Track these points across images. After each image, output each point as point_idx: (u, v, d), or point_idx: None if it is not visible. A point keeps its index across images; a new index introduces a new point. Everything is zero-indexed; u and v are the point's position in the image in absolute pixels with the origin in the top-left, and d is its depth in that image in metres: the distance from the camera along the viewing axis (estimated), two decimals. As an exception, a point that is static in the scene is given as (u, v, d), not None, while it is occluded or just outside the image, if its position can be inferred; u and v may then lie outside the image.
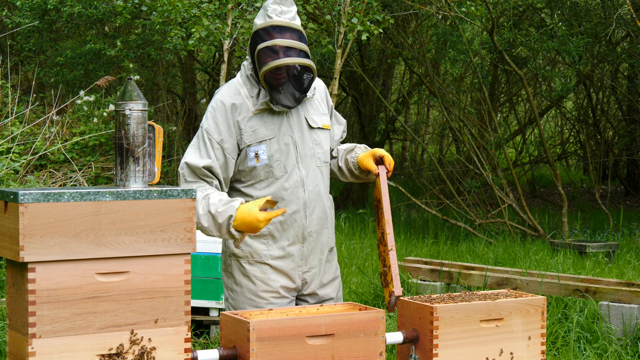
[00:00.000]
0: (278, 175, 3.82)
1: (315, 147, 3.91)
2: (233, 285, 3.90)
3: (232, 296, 3.90)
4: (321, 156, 3.94)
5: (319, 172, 3.92)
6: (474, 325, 3.53)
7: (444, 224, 12.67)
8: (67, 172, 10.46)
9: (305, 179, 3.86)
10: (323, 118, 3.97)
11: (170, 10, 9.08)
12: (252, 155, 3.79)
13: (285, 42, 3.68)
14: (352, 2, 9.40)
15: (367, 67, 15.79)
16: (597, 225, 13.16)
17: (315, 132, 3.92)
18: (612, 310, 6.50)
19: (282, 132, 3.82)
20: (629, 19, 13.34)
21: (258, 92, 3.79)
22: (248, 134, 3.77)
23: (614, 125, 17.55)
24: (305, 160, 3.87)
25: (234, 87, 3.84)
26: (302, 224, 3.87)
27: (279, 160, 3.81)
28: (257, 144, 3.78)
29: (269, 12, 3.72)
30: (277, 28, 3.69)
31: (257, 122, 3.79)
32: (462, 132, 13.58)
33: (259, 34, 3.71)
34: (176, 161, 12.52)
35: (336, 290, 4.06)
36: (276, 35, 3.69)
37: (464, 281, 7.46)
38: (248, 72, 3.84)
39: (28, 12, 13.23)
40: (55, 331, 2.85)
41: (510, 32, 12.33)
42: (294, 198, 3.84)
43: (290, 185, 3.84)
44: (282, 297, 3.89)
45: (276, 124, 3.81)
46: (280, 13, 3.73)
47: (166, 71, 16.04)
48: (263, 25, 3.70)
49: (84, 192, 2.90)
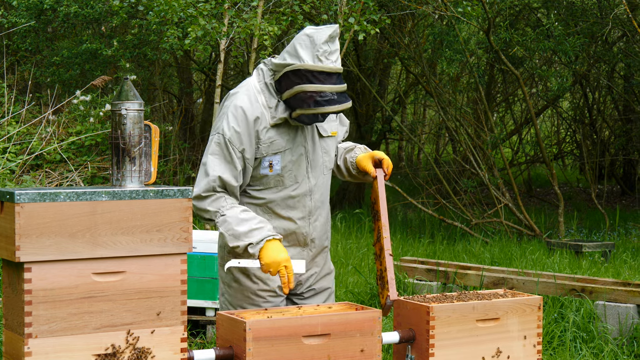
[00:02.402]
0: (288, 185, 3.86)
1: (324, 156, 3.96)
2: (231, 282, 3.91)
3: (230, 292, 3.92)
4: (328, 164, 3.99)
5: (325, 180, 3.97)
6: (470, 325, 3.54)
7: (441, 223, 12.67)
8: (64, 172, 10.45)
9: (313, 187, 3.91)
10: (332, 125, 4.01)
11: (166, 10, 9.07)
12: (267, 164, 3.81)
13: (333, 89, 3.71)
14: (348, 2, 9.40)
15: (364, 67, 15.79)
16: (594, 225, 13.17)
17: (324, 140, 3.96)
18: (608, 310, 6.51)
19: (297, 143, 3.85)
20: (625, 18, 13.35)
21: (276, 104, 3.79)
22: (266, 145, 3.79)
23: (610, 125, 17.56)
24: (315, 170, 3.92)
25: (252, 94, 3.81)
26: (305, 231, 3.91)
27: (290, 171, 3.85)
28: (272, 155, 3.81)
29: (319, 54, 3.70)
30: (325, 74, 3.71)
31: (274, 133, 3.80)
32: (459, 132, 13.58)
33: (304, 73, 3.70)
34: (172, 161, 12.51)
35: (332, 283, 4.12)
36: (324, 80, 3.70)
37: (460, 281, 7.46)
38: (268, 79, 3.82)
39: (24, 12, 13.21)
40: (51, 331, 2.85)
41: (506, 31, 12.34)
42: (300, 206, 3.88)
43: (298, 194, 3.88)
44: (278, 295, 3.93)
45: (291, 135, 3.84)
46: (329, 54, 3.72)
47: (162, 71, 16.03)
48: (312, 68, 3.69)
49: (80, 192, 2.90)
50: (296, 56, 3.72)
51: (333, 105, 3.71)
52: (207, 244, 6.78)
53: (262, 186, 3.84)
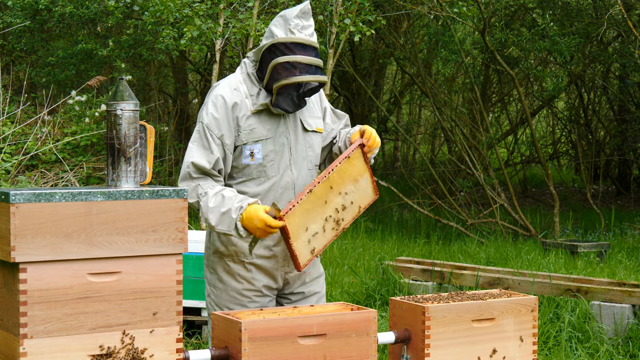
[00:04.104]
0: (270, 176, 3.84)
1: (308, 150, 3.94)
2: (216, 282, 3.90)
3: (215, 292, 3.91)
4: (313, 159, 3.97)
5: (309, 175, 3.95)
6: (465, 325, 3.54)
7: (436, 223, 12.68)
8: (59, 172, 10.44)
9: (296, 180, 3.89)
10: (317, 121, 4.00)
11: (162, 10, 9.07)
12: (248, 153, 3.81)
13: (306, 60, 3.73)
14: (344, 3, 9.40)
15: (359, 67, 15.81)
16: (589, 225, 13.18)
17: (309, 135, 3.95)
18: (604, 310, 6.52)
19: (279, 133, 3.85)
20: (620, 19, 13.37)
21: (258, 92, 3.81)
22: (246, 132, 3.79)
23: (606, 125, 17.58)
24: (298, 162, 3.90)
25: (233, 83, 3.84)
26: None
27: (272, 161, 3.84)
28: (253, 143, 3.80)
29: (291, 27, 3.74)
30: (299, 45, 3.74)
31: (255, 121, 3.81)
32: (454, 132, 13.60)
33: (278, 46, 3.74)
34: (168, 161, 12.51)
35: (321, 286, 4.09)
36: (297, 51, 3.73)
37: (456, 281, 7.46)
38: (250, 70, 3.85)
39: (19, 12, 13.19)
40: (46, 331, 2.85)
41: (501, 32, 12.35)
42: (285, 199, 3.86)
43: (281, 186, 3.86)
44: (264, 295, 3.91)
45: (273, 124, 3.84)
46: (302, 28, 3.76)
47: (158, 71, 16.02)
48: (285, 40, 3.73)
49: (76, 192, 2.90)
50: (270, 36, 3.78)
51: (305, 75, 3.72)
52: (202, 244, 6.78)
53: (245, 177, 3.83)
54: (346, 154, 3.80)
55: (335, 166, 3.76)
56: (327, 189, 3.74)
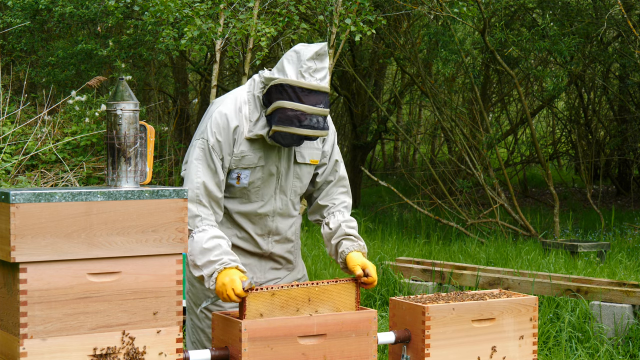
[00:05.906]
0: (253, 200, 3.79)
1: (295, 181, 3.85)
2: (194, 281, 3.88)
3: (192, 291, 3.89)
4: (298, 189, 3.88)
5: (290, 204, 3.88)
6: (465, 325, 3.54)
7: (436, 224, 12.68)
8: (59, 172, 10.44)
9: (278, 210, 3.84)
10: (314, 152, 3.87)
11: (162, 10, 9.06)
12: (235, 176, 3.73)
13: (311, 110, 3.59)
14: (344, 3, 9.40)
15: (359, 67, 15.80)
16: (589, 225, 13.18)
17: (299, 166, 3.84)
18: (604, 310, 6.52)
19: (269, 163, 3.76)
20: (620, 19, 13.37)
21: (258, 118, 3.71)
22: (237, 158, 3.71)
23: (606, 125, 17.59)
24: (284, 192, 3.83)
25: (238, 103, 3.74)
26: (263, 247, 3.86)
27: (258, 188, 3.77)
28: (242, 169, 3.73)
29: (302, 70, 3.60)
30: (307, 90, 3.59)
31: (247, 147, 3.72)
32: (454, 132, 13.59)
33: (286, 88, 3.60)
34: (168, 161, 12.50)
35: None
36: (304, 98, 3.58)
37: (456, 281, 7.46)
38: (257, 92, 3.73)
39: (19, 12, 13.19)
40: (46, 331, 2.85)
41: (502, 32, 12.35)
42: (262, 224, 3.82)
43: (261, 213, 3.80)
44: None
45: (266, 153, 3.74)
46: (314, 72, 3.61)
47: (158, 71, 16.02)
48: (294, 84, 3.59)
49: (76, 193, 2.89)
50: (282, 71, 3.64)
51: (307, 129, 3.59)
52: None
53: (228, 194, 3.77)
54: (339, 280, 3.54)
55: (323, 283, 3.50)
56: (305, 300, 3.46)
